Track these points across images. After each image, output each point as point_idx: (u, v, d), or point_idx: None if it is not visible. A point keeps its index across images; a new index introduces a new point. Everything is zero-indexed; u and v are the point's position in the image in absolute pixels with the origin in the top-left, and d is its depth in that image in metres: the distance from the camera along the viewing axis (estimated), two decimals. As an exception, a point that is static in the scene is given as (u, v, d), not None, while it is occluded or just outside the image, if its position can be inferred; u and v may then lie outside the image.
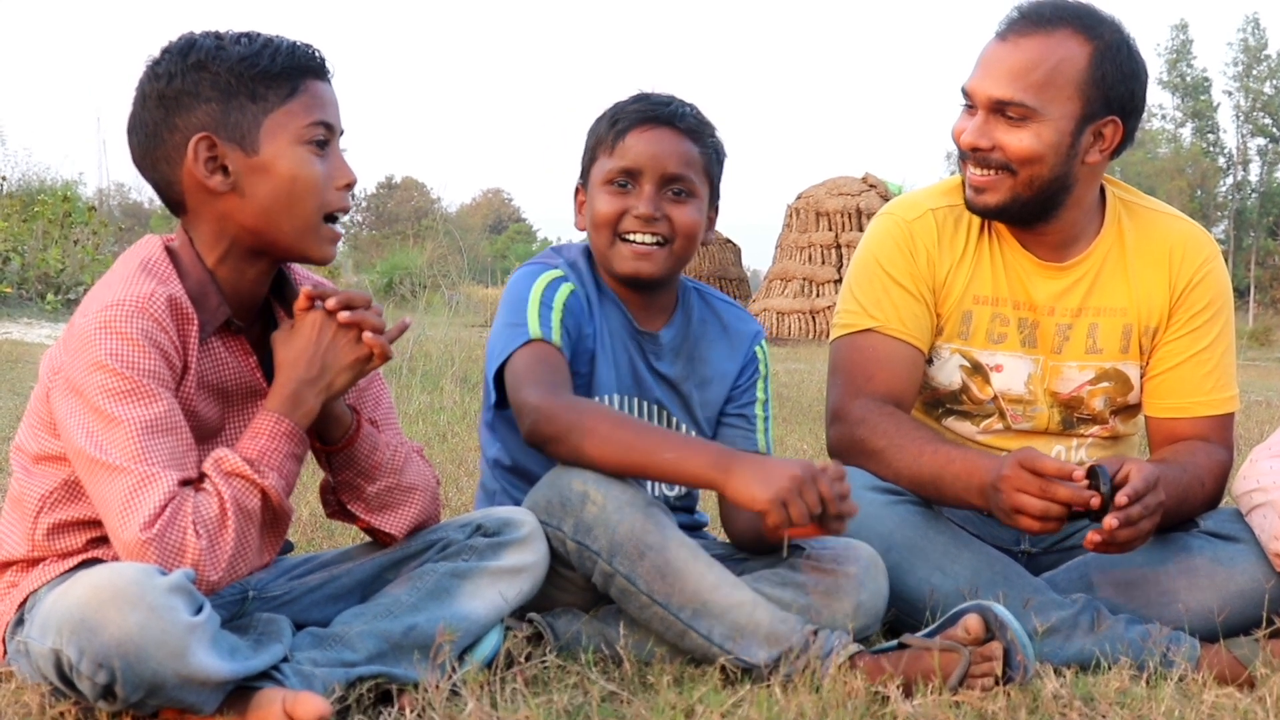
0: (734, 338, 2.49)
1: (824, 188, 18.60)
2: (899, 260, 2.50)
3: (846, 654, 2.03)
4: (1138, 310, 2.52)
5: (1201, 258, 2.53)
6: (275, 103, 1.87)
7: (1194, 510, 2.41)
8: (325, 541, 3.00)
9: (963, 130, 2.42)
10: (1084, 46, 2.35)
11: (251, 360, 1.96)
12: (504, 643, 2.04)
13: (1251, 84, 53.75)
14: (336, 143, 1.94)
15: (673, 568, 2.09)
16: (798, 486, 1.98)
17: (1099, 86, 2.36)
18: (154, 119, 1.88)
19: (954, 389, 2.55)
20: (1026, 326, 2.52)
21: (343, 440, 2.00)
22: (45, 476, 1.88)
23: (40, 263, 14.63)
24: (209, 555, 1.74)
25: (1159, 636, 2.21)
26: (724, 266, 19.29)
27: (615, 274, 2.35)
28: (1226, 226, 52.13)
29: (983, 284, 2.51)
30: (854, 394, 2.45)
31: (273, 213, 1.88)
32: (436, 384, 6.51)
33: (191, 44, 1.88)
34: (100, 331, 1.77)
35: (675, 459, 2.07)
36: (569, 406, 2.14)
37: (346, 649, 1.89)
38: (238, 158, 1.87)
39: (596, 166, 2.35)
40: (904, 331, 2.48)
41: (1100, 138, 2.40)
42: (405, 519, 2.07)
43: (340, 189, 1.92)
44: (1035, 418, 2.55)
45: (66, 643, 1.64)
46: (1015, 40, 2.37)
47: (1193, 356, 2.51)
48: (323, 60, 1.93)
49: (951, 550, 2.29)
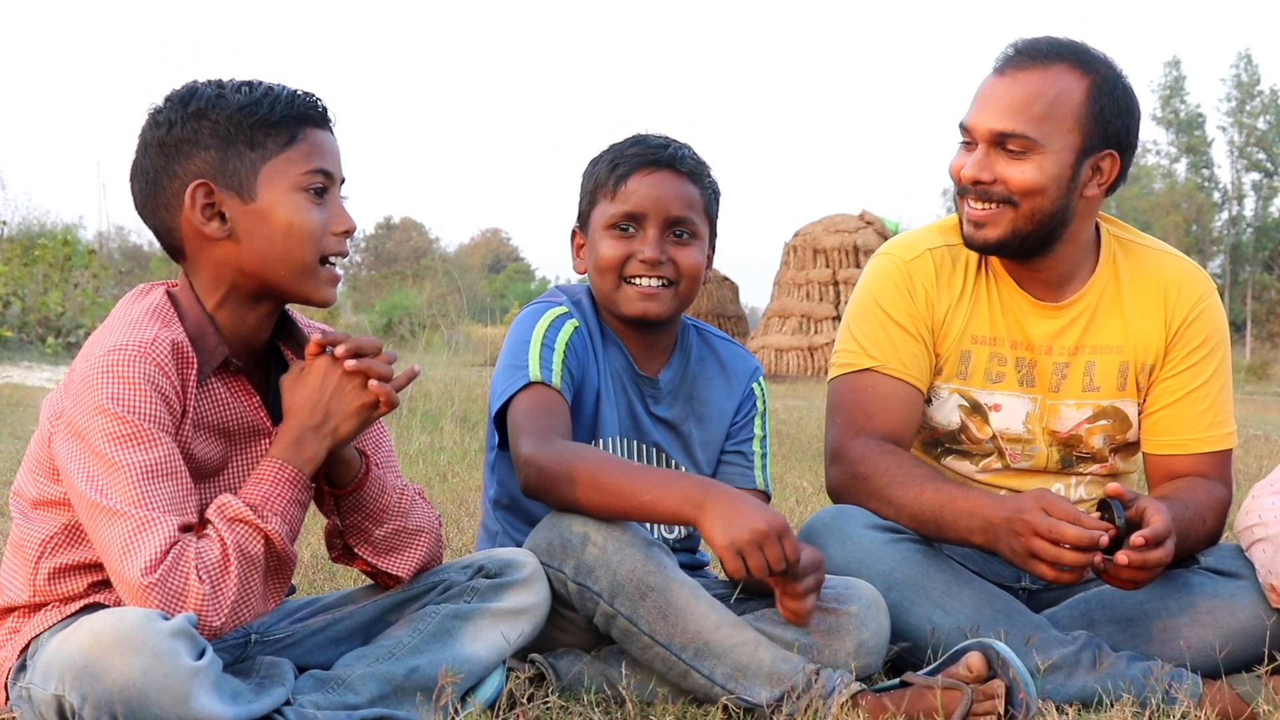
0: (732, 376, 2.50)
1: (821, 225, 18.63)
2: (897, 300, 2.51)
3: (849, 693, 2.03)
4: (1134, 348, 2.52)
5: (1196, 295, 2.53)
6: (273, 150, 1.88)
7: (1196, 547, 2.41)
8: (327, 584, 3.00)
9: (962, 166, 2.43)
10: (1081, 81, 2.38)
11: (254, 400, 1.96)
12: (506, 684, 2.04)
13: (1245, 119, 53.98)
14: (337, 190, 1.95)
15: (674, 608, 2.09)
16: (758, 540, 1.99)
17: (1097, 120, 2.38)
18: (154, 166, 1.90)
19: (953, 429, 2.55)
20: (1024, 366, 2.52)
21: (351, 484, 2.00)
22: (45, 521, 1.89)
23: (41, 306, 14.65)
24: (212, 600, 1.74)
25: (1161, 673, 2.21)
26: (722, 304, 19.30)
27: (622, 316, 2.36)
28: (1222, 261, 52.23)
29: (980, 324, 2.52)
30: (853, 433, 2.45)
31: (269, 259, 1.89)
32: (436, 424, 6.51)
33: (193, 92, 1.90)
34: (103, 376, 1.78)
35: (651, 500, 2.08)
36: (556, 458, 2.14)
37: (349, 691, 1.89)
38: (235, 204, 1.88)
39: (597, 211, 2.36)
40: (903, 371, 2.49)
41: (1099, 171, 2.42)
42: (412, 561, 2.07)
43: (338, 235, 1.93)
44: (1034, 456, 2.55)
45: (69, 689, 1.64)
46: (1014, 75, 2.40)
47: (1190, 393, 2.52)
48: (324, 109, 1.94)
49: (953, 588, 2.29)
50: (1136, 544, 2.10)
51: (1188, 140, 55.14)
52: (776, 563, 1.99)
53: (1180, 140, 55.32)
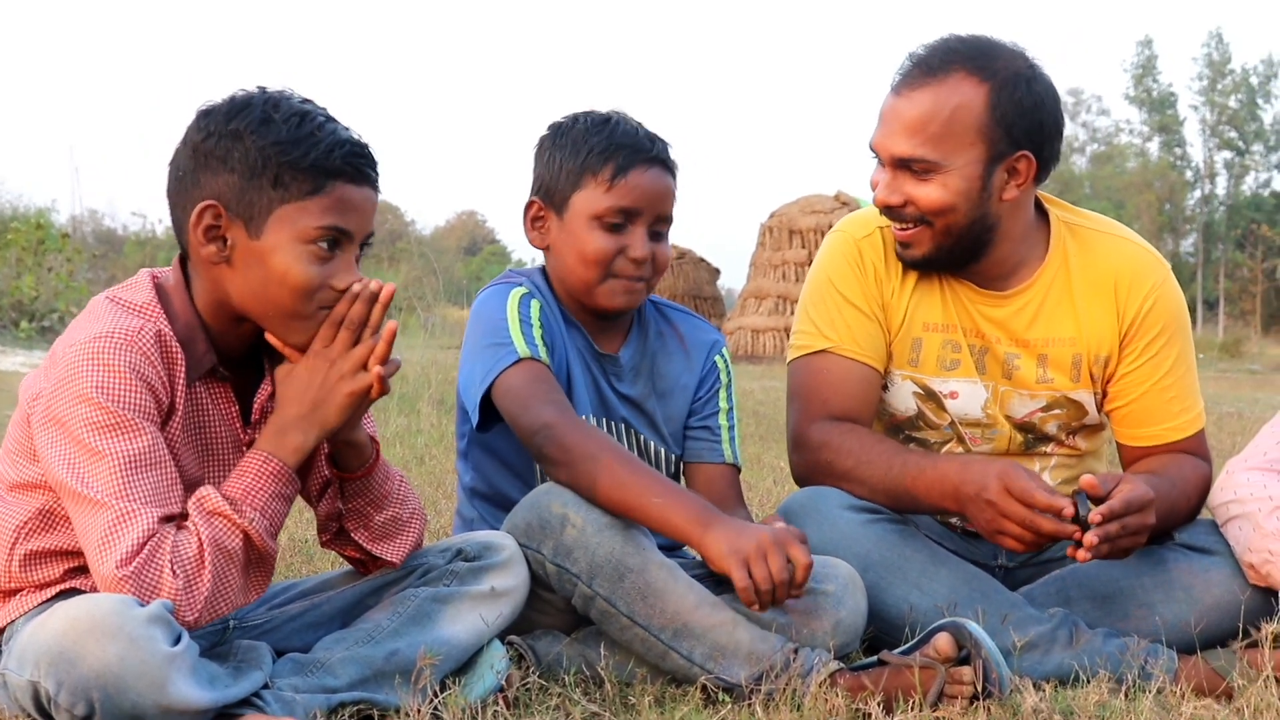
0: (691, 350, 2.50)
1: (797, 206, 18.64)
2: (850, 279, 2.50)
3: (827, 672, 2.04)
4: (1086, 340, 2.49)
5: (1148, 285, 2.48)
6: (295, 195, 1.83)
7: (1178, 523, 2.42)
8: (304, 567, 2.99)
9: (878, 183, 2.42)
10: (979, 89, 2.32)
11: (233, 409, 1.95)
12: (509, 667, 2.04)
13: (1217, 98, 54.24)
14: (354, 247, 1.89)
15: (653, 589, 2.09)
16: (763, 550, 2.00)
17: (1000, 126, 2.33)
18: (186, 166, 1.87)
19: (910, 415, 2.54)
20: (976, 352, 2.50)
21: (361, 469, 2.00)
22: (19, 505, 1.87)
23: (14, 290, 14.55)
24: (185, 595, 1.73)
25: (1137, 649, 2.23)
26: (699, 286, 19.32)
27: (596, 307, 2.36)
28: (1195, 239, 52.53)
29: (932, 311, 2.50)
30: (810, 419, 2.44)
31: (256, 297, 1.86)
32: (413, 407, 6.49)
33: (245, 106, 1.85)
34: (87, 363, 1.76)
35: (663, 504, 2.08)
36: (585, 434, 2.15)
37: (328, 675, 1.88)
38: (239, 235, 1.85)
39: (583, 196, 2.32)
40: (858, 352, 2.47)
41: (1015, 173, 2.37)
42: (404, 547, 2.07)
43: (338, 290, 1.87)
44: (995, 440, 2.54)
45: (45, 675, 1.63)
46: (908, 94, 2.35)
47: (1155, 384, 2.49)
48: (360, 166, 1.87)
49: (929, 568, 2.30)
50: (1095, 520, 2.10)
51: (1160, 119, 55.41)
52: (781, 571, 2.00)
53: (1153, 119, 55.58)
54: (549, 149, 2.38)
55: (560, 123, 2.40)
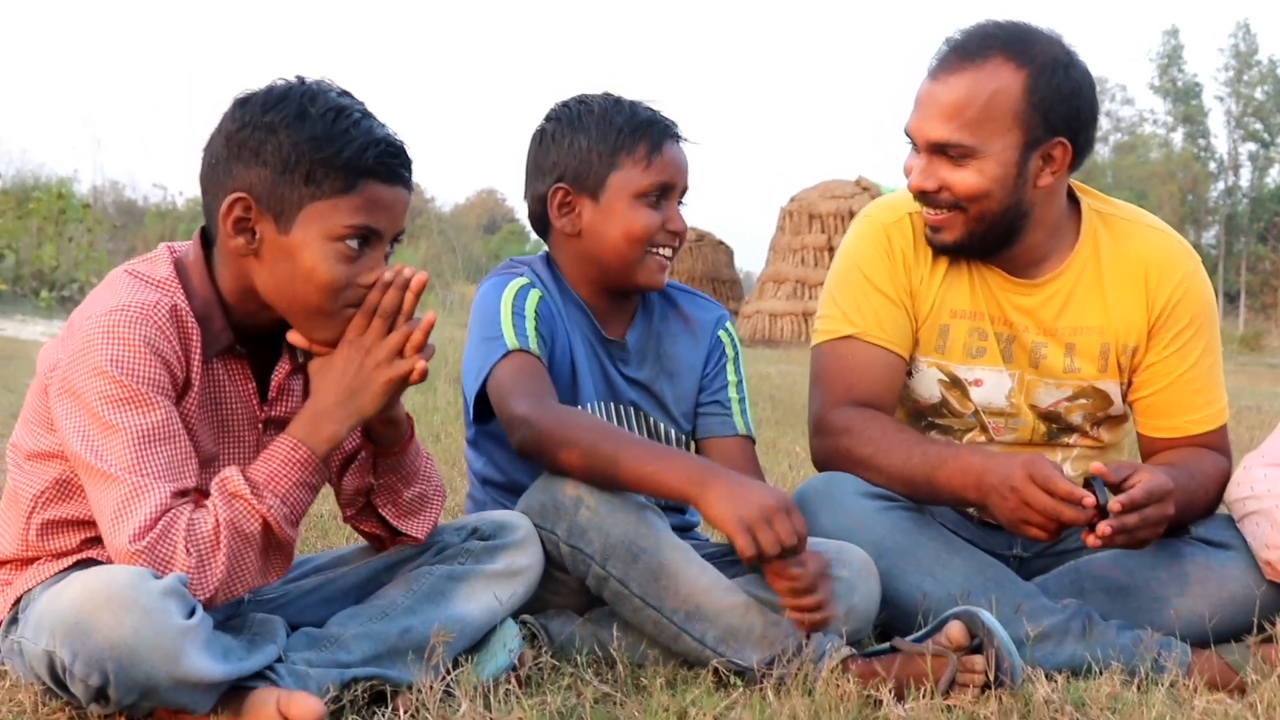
0: (697, 329, 2.50)
1: (817, 190, 18.60)
2: (878, 265, 2.49)
3: (839, 657, 2.04)
4: (1114, 330, 2.48)
5: (1179, 275, 2.48)
6: (326, 193, 1.82)
7: (1196, 516, 2.42)
8: (319, 542, 3.00)
9: (912, 169, 2.41)
10: (1017, 74, 2.31)
11: (250, 386, 1.94)
12: (522, 646, 2.05)
13: (1242, 89, 53.89)
14: (383, 245, 1.88)
15: (666, 571, 2.09)
16: (768, 516, 1.99)
17: (1038, 111, 2.32)
18: (219, 154, 1.86)
19: (934, 402, 2.54)
20: (1003, 340, 2.50)
21: (396, 445, 2.00)
22: (37, 474, 1.88)
23: (35, 260, 14.62)
24: (198, 573, 1.73)
25: (1150, 642, 2.22)
26: (717, 268, 19.30)
27: (634, 285, 2.36)
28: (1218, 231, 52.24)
29: (960, 298, 2.49)
30: (833, 403, 2.44)
31: (282, 292, 1.86)
32: (430, 384, 6.50)
33: (282, 98, 1.83)
34: (103, 336, 1.76)
35: (653, 471, 2.07)
36: (556, 419, 2.14)
37: (342, 650, 1.89)
38: (269, 229, 1.84)
39: (620, 176, 2.33)
40: (883, 338, 2.46)
41: (1050, 160, 2.36)
42: (427, 524, 2.08)
43: (365, 287, 1.87)
44: (1019, 429, 2.53)
45: (60, 645, 1.64)
46: (945, 79, 2.34)
47: (1181, 376, 2.48)
48: (393, 166, 1.86)
49: (943, 556, 2.30)
50: (1114, 509, 2.10)
51: (1184, 109, 55.06)
52: (788, 538, 1.99)
53: (1177, 109, 55.23)
54: (568, 135, 2.36)
55: (566, 109, 2.40)
